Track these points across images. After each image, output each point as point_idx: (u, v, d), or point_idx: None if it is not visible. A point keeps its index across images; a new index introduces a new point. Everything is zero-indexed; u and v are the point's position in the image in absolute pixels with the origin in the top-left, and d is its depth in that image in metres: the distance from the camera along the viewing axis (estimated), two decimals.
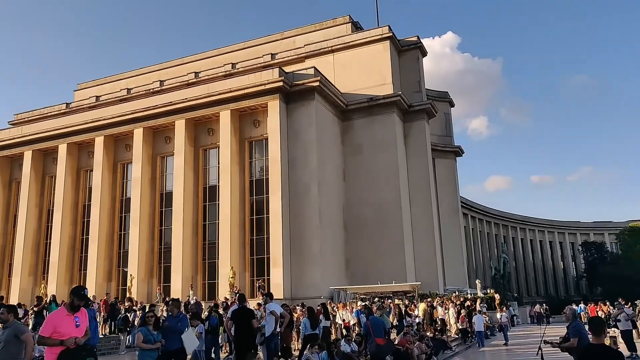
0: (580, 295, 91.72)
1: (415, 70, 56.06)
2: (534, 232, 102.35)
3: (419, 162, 52.94)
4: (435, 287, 46.78)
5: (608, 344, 7.74)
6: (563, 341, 12.25)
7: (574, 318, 12.28)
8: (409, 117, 53.40)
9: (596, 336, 7.39)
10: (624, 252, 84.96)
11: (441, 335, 26.15)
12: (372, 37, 52.81)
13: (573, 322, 12.05)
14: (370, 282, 39.37)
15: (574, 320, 12.10)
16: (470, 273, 71.48)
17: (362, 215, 48.19)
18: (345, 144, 50.90)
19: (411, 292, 37.23)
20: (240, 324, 13.60)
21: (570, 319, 12.43)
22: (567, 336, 11.77)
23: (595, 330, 7.44)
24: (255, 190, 45.97)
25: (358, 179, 49.44)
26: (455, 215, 62.74)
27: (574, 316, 12.34)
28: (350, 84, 50.92)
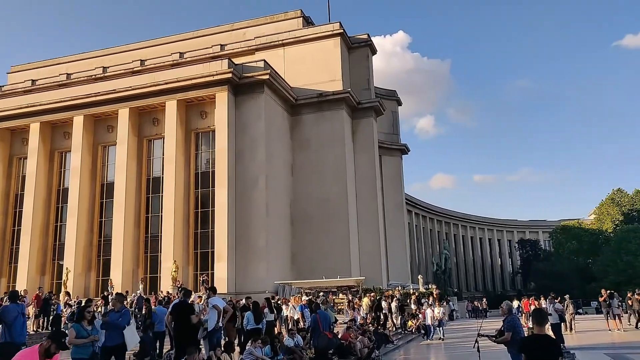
0: (516, 290, 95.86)
1: (365, 67, 56.61)
2: (474, 229, 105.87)
3: (366, 159, 53.58)
4: (379, 282, 47.52)
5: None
6: (498, 334, 12.71)
7: (510, 312, 12.73)
8: (358, 114, 53.89)
9: (539, 326, 7.71)
10: (556, 249, 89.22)
11: (383, 330, 26.58)
12: (323, 32, 52.88)
13: (508, 316, 12.49)
14: (316, 277, 39.54)
15: (509, 315, 12.53)
16: (413, 268, 73.13)
17: (309, 210, 48.28)
18: (294, 138, 50.80)
19: (355, 286, 37.63)
20: (180, 318, 13.29)
21: (506, 313, 12.88)
22: (502, 330, 12.21)
23: (538, 321, 7.76)
24: (200, 183, 45.16)
25: (306, 173, 49.48)
26: (400, 212, 63.95)
27: (510, 311, 12.78)
28: (300, 78, 50.81)
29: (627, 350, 21.36)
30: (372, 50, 58.15)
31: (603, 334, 27.78)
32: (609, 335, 27.05)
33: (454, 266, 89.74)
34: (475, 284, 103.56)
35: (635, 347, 22.16)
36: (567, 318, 27.77)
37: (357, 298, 32.69)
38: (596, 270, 72.10)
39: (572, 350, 18.64)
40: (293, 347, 16.46)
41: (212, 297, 15.53)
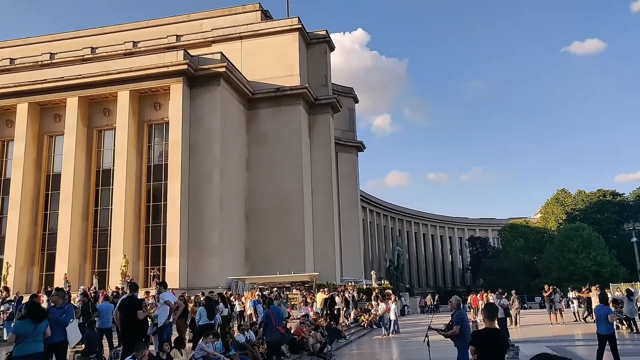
0: (465, 286, 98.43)
1: (323, 64, 56.65)
2: (427, 226, 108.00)
3: (322, 155, 53.68)
4: (333, 277, 47.81)
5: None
6: (447, 328, 12.99)
7: (458, 307, 13.04)
8: (315, 110, 53.89)
9: (490, 320, 7.91)
10: (504, 246, 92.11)
11: (336, 325, 26.75)
12: (281, 27, 52.55)
13: (457, 311, 12.79)
14: (270, 273, 39.34)
15: (458, 309, 12.83)
16: (367, 264, 73.96)
17: (264, 206, 47.97)
18: (250, 133, 50.33)
19: (309, 282, 37.72)
20: (128, 314, 12.94)
21: (454, 308, 13.19)
22: (451, 324, 12.49)
23: (489, 315, 7.96)
24: (153, 176, 44.13)
25: (261, 169, 49.12)
26: (355, 209, 64.48)
27: (458, 305, 13.09)
28: (257, 72, 50.34)
29: (567, 342, 22.33)
30: (330, 46, 58.26)
31: (546, 327, 28.91)
32: (551, 329, 28.17)
33: (406, 262, 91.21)
34: (426, 280, 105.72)
35: (574, 340, 23.22)
36: (512, 313, 28.72)
37: (311, 293, 32.75)
38: (540, 267, 74.83)
39: (516, 343, 19.28)
40: (244, 342, 16.31)
41: (163, 292, 15.21)
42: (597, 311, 14.53)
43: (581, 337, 23.44)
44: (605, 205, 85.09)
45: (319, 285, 37.75)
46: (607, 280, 54.39)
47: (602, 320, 14.05)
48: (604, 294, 15.84)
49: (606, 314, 14.28)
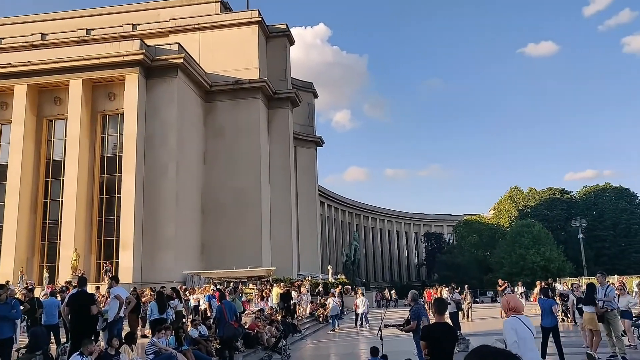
0: (420, 281, 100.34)
1: (282, 58, 56.38)
2: (383, 221, 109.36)
3: (280, 150, 53.48)
4: (290, 272, 47.79)
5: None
6: (405, 323, 13.17)
7: (415, 302, 13.22)
8: (274, 104, 53.60)
9: (439, 314, 8.08)
10: (458, 242, 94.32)
11: (292, 319, 26.78)
12: (241, 19, 51.97)
13: (414, 305, 12.97)
14: (226, 267, 38.96)
15: (415, 304, 13.02)
16: (324, 259, 74.33)
17: (221, 200, 47.44)
18: (208, 125, 49.62)
19: (266, 276, 37.58)
20: (78, 309, 12.57)
21: (412, 302, 13.38)
22: (409, 318, 12.68)
23: (438, 310, 8.13)
24: (106, 168, 42.96)
25: (219, 162, 48.54)
26: (313, 203, 64.62)
27: (415, 300, 13.28)
28: (216, 64, 49.63)
29: None
30: (290, 40, 58.02)
31: (496, 320, 29.75)
32: (501, 322, 28.99)
33: (363, 257, 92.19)
34: (382, 274, 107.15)
35: None
36: (464, 307, 29.44)
37: (266, 288, 32.63)
38: (493, 262, 77.01)
39: (467, 336, 19.81)
40: (198, 337, 16.12)
41: (115, 286, 14.86)
42: (541, 304, 15.03)
43: None
44: (555, 203, 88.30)
45: (275, 279, 37.68)
46: (555, 275, 56.58)
47: (546, 313, 14.55)
48: (546, 288, 16.43)
49: (550, 306, 14.82)
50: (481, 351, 2.86)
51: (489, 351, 2.83)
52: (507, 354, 2.76)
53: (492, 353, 2.77)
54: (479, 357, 2.80)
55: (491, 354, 2.78)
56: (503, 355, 2.74)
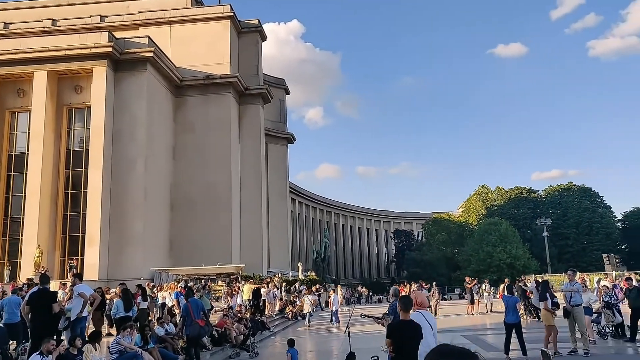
0: (390, 277, 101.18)
1: (254, 53, 56.01)
2: (354, 219, 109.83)
3: (251, 146, 53.13)
4: (260, 269, 47.62)
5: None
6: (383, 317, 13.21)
7: (395, 297, 13.26)
8: (245, 99, 53.22)
9: (405, 312, 8.12)
10: (428, 239, 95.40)
11: (260, 316, 26.68)
12: (212, 14, 51.39)
13: (394, 301, 13.02)
14: (196, 264, 38.63)
15: (395, 300, 13.07)
16: (294, 256, 74.25)
17: (190, 196, 46.88)
18: (178, 120, 48.95)
19: (235, 274, 37.40)
20: (40, 307, 12.22)
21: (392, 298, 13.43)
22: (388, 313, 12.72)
23: (404, 307, 8.16)
24: (72, 163, 41.97)
25: (189, 158, 47.93)
26: (284, 200, 64.47)
27: (395, 295, 13.32)
28: (186, 59, 48.95)
29: (481, 331, 23.51)
30: (262, 36, 57.67)
31: (463, 317, 30.25)
32: (468, 319, 29.52)
33: (333, 254, 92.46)
34: (352, 271, 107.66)
35: (487, 329, 24.47)
36: (432, 304, 29.76)
37: (235, 286, 32.43)
38: (461, 259, 78.22)
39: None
40: (164, 335, 15.90)
41: (78, 284, 14.52)
42: (505, 301, 15.28)
43: (493, 327, 24.71)
44: (522, 202, 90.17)
45: (245, 276, 37.50)
46: (520, 272, 57.74)
47: (510, 310, 14.83)
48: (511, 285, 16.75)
49: (514, 303, 15.11)
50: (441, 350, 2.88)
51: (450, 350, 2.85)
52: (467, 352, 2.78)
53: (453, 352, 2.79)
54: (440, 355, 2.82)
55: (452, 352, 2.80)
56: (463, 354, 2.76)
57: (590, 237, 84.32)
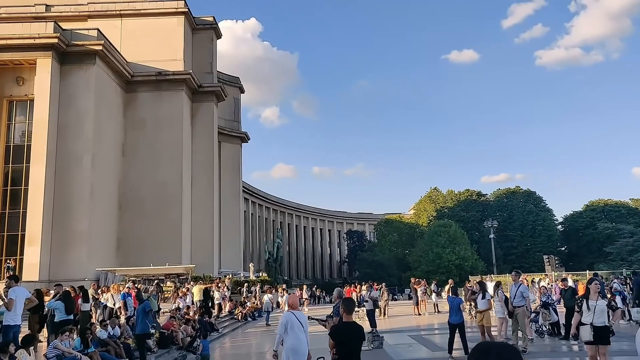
0: (342, 278, 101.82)
1: (209, 51, 55.24)
2: (307, 219, 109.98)
3: (204, 144, 52.33)
4: (210, 269, 46.96)
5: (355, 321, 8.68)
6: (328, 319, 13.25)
7: (340, 299, 13.35)
8: (198, 97, 52.38)
9: (348, 314, 8.18)
10: (379, 240, 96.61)
11: (209, 318, 26.30)
12: (166, 9, 50.32)
13: (338, 302, 13.10)
14: (144, 264, 37.66)
15: (339, 301, 13.15)
16: (246, 256, 73.65)
17: (140, 194, 45.70)
18: (128, 117, 47.64)
19: (185, 274, 36.73)
20: None
21: (337, 299, 13.50)
22: (332, 315, 12.78)
23: (347, 309, 8.23)
24: (13, 158, 40.20)
25: (139, 155, 46.74)
26: (236, 200, 63.82)
27: (340, 296, 13.40)
28: (138, 54, 47.73)
29: (427, 331, 24.00)
30: (217, 34, 56.92)
31: (411, 317, 30.80)
32: (415, 319, 30.07)
33: (286, 255, 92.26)
34: (305, 272, 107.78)
35: (433, 329, 25.01)
36: (381, 304, 30.19)
37: (184, 286, 31.86)
38: (411, 260, 79.57)
39: (382, 333, 20.30)
40: (107, 339, 15.42)
41: (13, 286, 13.85)
42: (450, 302, 15.63)
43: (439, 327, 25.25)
44: (471, 204, 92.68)
45: (194, 277, 36.88)
46: (468, 273, 59.39)
47: (454, 310, 15.18)
48: (455, 286, 17.14)
49: (459, 304, 15.49)
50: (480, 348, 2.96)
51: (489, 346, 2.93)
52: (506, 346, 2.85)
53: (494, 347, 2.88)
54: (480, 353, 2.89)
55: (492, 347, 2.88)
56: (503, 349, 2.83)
57: (534, 239, 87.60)
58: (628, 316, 22.45)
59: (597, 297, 10.59)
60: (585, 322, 10.40)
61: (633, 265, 62.41)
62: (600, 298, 10.65)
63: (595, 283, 10.94)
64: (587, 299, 10.58)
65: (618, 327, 21.28)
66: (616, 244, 77.66)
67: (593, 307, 10.33)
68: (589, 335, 10.25)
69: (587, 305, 10.44)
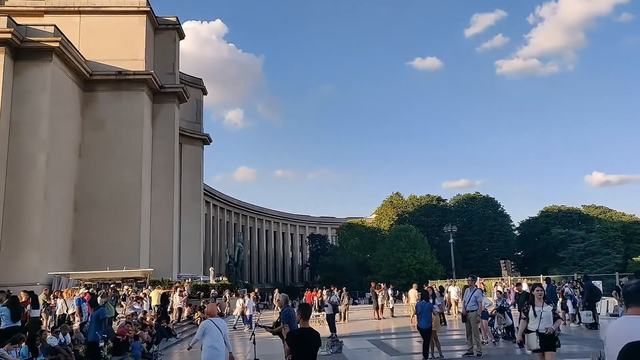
0: (304, 282, 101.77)
1: (171, 51, 54.39)
2: (270, 223, 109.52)
3: (165, 146, 51.39)
4: (170, 273, 46.11)
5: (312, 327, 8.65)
6: (275, 325, 13.18)
7: (286, 304, 13.30)
8: (160, 98, 51.44)
9: (304, 319, 8.16)
10: (341, 244, 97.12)
11: (167, 323, 25.83)
12: (127, 7, 49.27)
13: (285, 308, 13.04)
14: (101, 268, 36.60)
15: (286, 306, 13.09)
16: (207, 260, 72.73)
17: (97, 196, 44.47)
18: (86, 116, 46.36)
19: (143, 278, 35.93)
20: None
21: (282, 305, 13.44)
22: (279, 321, 12.70)
23: (304, 315, 8.21)
24: None
25: (97, 156, 45.50)
26: (197, 202, 62.96)
27: (286, 302, 13.36)
28: (98, 52, 46.53)
29: (385, 335, 24.23)
30: (180, 34, 56.14)
31: (371, 322, 31.02)
32: (374, 323, 30.30)
33: (247, 259, 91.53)
34: (266, 276, 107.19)
35: (392, 333, 25.27)
36: (341, 309, 30.29)
37: (141, 291, 31.21)
38: (372, 264, 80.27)
39: (341, 338, 20.38)
40: (57, 346, 14.92)
41: None
42: (420, 307, 15.66)
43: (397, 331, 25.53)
44: (431, 210, 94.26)
45: (153, 281, 36.17)
46: (428, 278, 60.29)
47: (423, 315, 15.22)
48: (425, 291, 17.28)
49: (430, 309, 15.62)
50: (630, 348, 3.11)
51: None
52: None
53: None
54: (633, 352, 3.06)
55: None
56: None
57: (492, 243, 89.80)
58: (578, 319, 23.23)
59: (542, 303, 10.43)
60: (531, 329, 10.20)
61: (584, 269, 64.79)
62: (545, 304, 10.47)
63: (538, 290, 10.70)
64: (533, 306, 10.41)
65: (569, 329, 22.06)
66: (569, 249, 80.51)
67: (539, 313, 10.15)
68: (536, 343, 10.10)
69: (534, 311, 10.26)
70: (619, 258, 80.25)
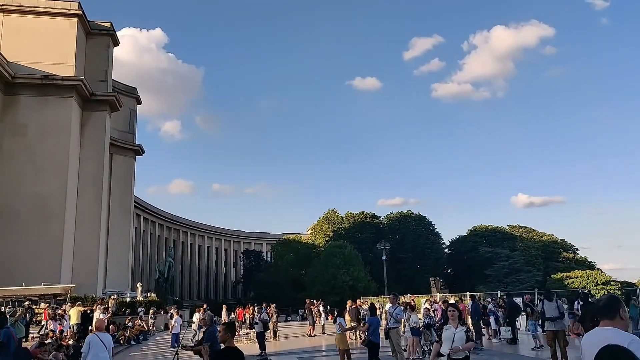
0: (236, 298, 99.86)
1: (104, 58, 52.46)
2: (203, 238, 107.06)
3: (94, 155, 49.25)
4: (94, 289, 43.89)
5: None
6: (197, 344, 12.69)
7: (212, 323, 12.87)
8: (90, 105, 49.36)
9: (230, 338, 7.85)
10: (276, 260, 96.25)
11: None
12: (57, 9, 47.23)
13: (210, 327, 12.61)
14: (16, 284, 34.26)
15: (211, 325, 12.67)
16: (136, 276, 69.94)
17: (15, 206, 41.84)
18: (6, 121, 43.74)
19: (63, 294, 33.97)
20: None
21: (207, 324, 13.00)
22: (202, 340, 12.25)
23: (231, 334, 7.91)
24: None
25: (17, 163, 42.93)
26: (127, 215, 60.63)
27: (211, 321, 12.94)
28: (22, 54, 44.21)
29: (316, 353, 24.03)
30: (114, 41, 54.32)
31: (302, 339, 30.71)
32: (307, 340, 30.01)
33: (178, 274, 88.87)
34: (198, 292, 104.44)
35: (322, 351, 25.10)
36: (271, 326, 29.81)
37: (60, 308, 29.43)
38: (307, 280, 79.96)
39: (271, 356, 20.00)
40: None
41: None
42: (369, 322, 15.44)
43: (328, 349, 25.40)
44: (366, 226, 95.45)
45: (74, 298, 34.25)
46: (361, 294, 60.67)
47: (376, 330, 15.05)
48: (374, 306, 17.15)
49: (379, 324, 15.52)
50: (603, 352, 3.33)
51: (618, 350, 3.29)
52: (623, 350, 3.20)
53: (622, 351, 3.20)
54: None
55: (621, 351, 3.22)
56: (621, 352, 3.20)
57: (423, 261, 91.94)
58: (499, 334, 24.07)
59: (457, 324, 9.38)
60: (443, 353, 9.28)
61: (508, 286, 67.58)
62: (459, 325, 9.41)
63: (451, 310, 9.66)
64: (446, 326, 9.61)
65: (490, 344, 22.76)
66: (494, 267, 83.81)
67: (452, 336, 9.17)
68: None
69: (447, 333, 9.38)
70: (539, 275, 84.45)
